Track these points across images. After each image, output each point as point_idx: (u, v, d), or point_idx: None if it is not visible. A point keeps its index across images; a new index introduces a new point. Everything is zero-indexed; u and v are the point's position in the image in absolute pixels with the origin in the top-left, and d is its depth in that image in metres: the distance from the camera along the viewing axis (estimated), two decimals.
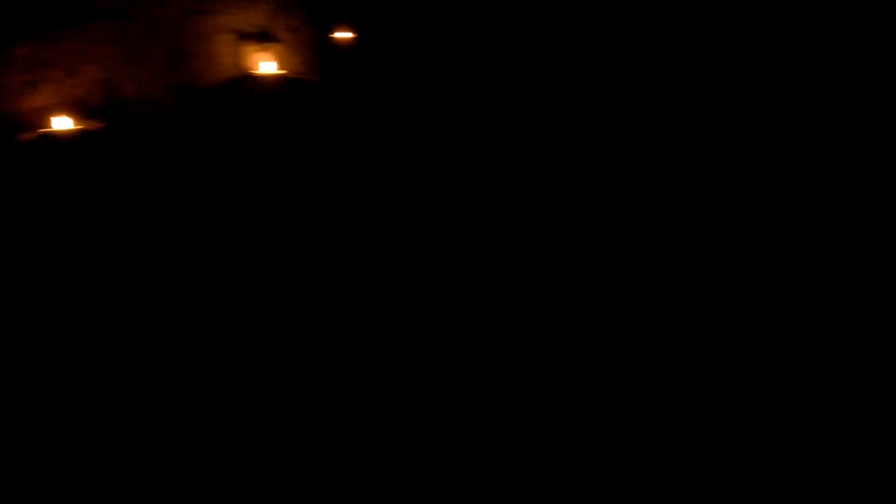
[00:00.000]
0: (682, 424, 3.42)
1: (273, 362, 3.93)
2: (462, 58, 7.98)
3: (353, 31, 8.01)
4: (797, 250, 4.97)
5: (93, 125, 6.64)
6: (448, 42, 7.98)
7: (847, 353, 3.94)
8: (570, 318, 4.27)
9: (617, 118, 7.11)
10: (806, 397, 3.61)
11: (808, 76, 7.01)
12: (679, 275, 4.74)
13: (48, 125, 6.67)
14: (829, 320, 4.25)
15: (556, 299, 4.47)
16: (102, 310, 4.40)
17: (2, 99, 6.11)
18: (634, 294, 4.52)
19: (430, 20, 7.94)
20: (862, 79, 6.86)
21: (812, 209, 5.49)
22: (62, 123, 6.68)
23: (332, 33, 7.98)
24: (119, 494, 3.08)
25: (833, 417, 3.47)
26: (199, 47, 6.98)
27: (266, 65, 7.86)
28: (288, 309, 4.41)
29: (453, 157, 6.66)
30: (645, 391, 3.67)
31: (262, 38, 7.53)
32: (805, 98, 6.87)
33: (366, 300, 4.52)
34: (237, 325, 4.26)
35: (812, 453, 3.25)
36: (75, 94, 6.42)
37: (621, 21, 7.71)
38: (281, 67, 7.89)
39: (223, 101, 7.17)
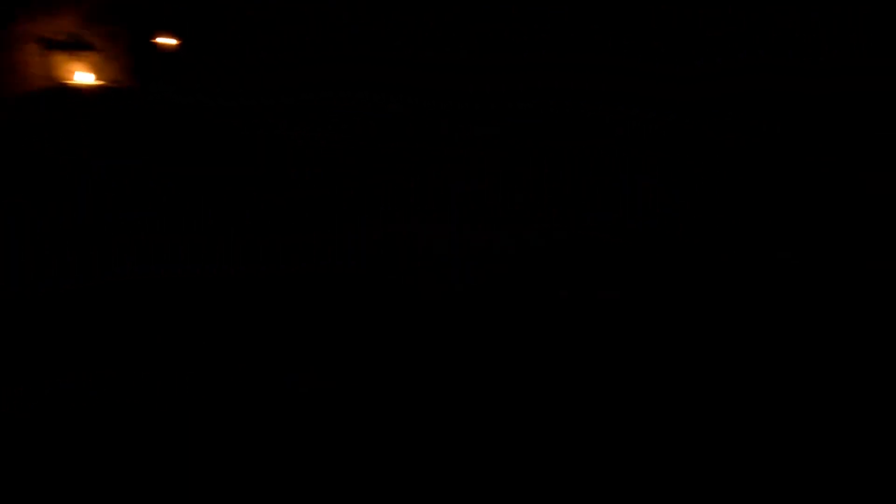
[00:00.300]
0: (680, 421, 3.42)
1: (273, 362, 3.93)
2: (461, 58, 7.97)
3: (178, 37, 7.72)
4: (797, 250, 4.96)
5: None
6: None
7: (847, 351, 3.94)
8: (569, 318, 4.27)
9: (617, 118, 7.11)
10: (805, 394, 3.61)
11: (808, 76, 7.00)
12: (679, 274, 4.74)
13: None
14: (828, 319, 4.25)
15: (555, 299, 4.47)
16: (102, 310, 4.40)
17: None
18: (634, 294, 4.52)
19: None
20: (862, 79, 6.85)
21: (812, 209, 5.49)
22: None
23: (155, 39, 7.68)
24: (120, 493, 3.08)
25: (832, 414, 3.47)
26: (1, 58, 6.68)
27: (80, 75, 7.52)
28: (288, 309, 4.41)
29: (453, 157, 6.66)
30: (641, 389, 3.67)
31: (75, 46, 7.22)
32: (805, 98, 6.87)
33: (366, 300, 4.51)
34: (237, 325, 4.26)
35: (810, 450, 3.25)
36: None
37: (621, 21, 7.71)
38: (98, 77, 7.56)
39: (29, 113, 6.82)
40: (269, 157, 6.95)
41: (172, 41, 7.25)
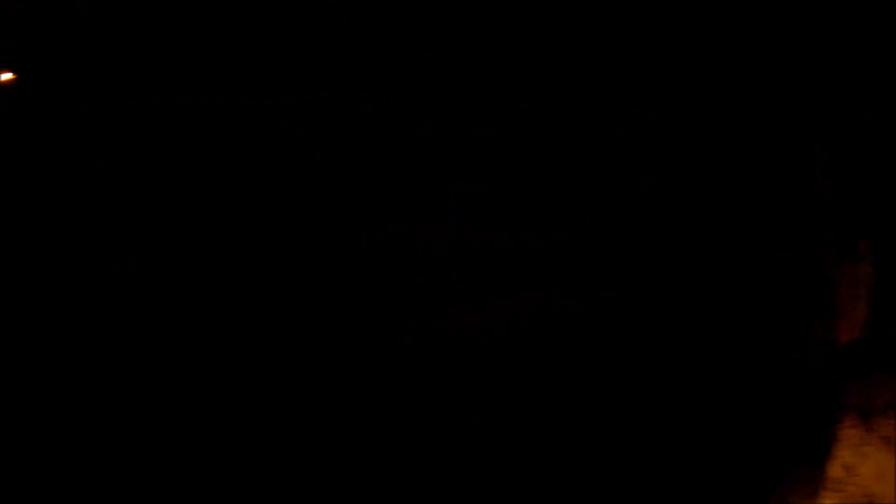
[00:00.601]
0: (684, 424, 3.42)
1: (273, 362, 3.93)
2: (461, 58, 7.96)
3: (13, 72, 7.15)
4: (797, 250, 4.97)
5: None
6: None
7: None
8: (570, 318, 4.27)
9: (617, 118, 7.11)
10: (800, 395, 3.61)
11: (808, 76, 7.00)
12: (679, 275, 4.74)
13: None
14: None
15: (555, 299, 4.47)
16: (102, 310, 4.40)
17: None
18: (634, 294, 4.52)
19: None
20: (862, 79, 6.85)
21: (812, 209, 5.49)
22: None
23: None
24: (120, 493, 3.08)
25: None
26: None
27: None
28: (288, 309, 4.41)
29: (453, 157, 6.65)
30: (643, 393, 3.66)
31: None
32: (805, 98, 6.87)
33: (366, 300, 4.51)
34: (237, 325, 4.26)
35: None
36: None
37: (621, 21, 7.69)
38: None
39: None
40: (269, 157, 6.94)
41: (8, 76, 6.70)
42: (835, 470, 3.47)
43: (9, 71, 6.69)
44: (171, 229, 5.40)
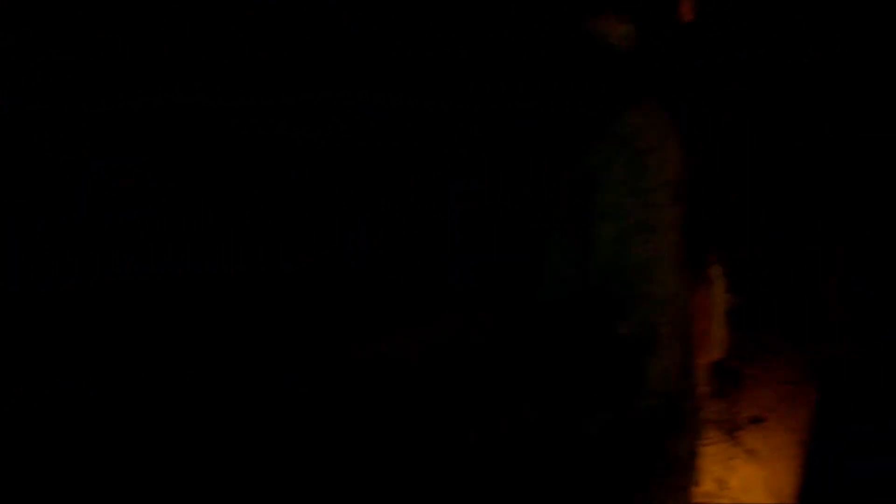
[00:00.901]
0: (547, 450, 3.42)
1: (273, 362, 3.94)
2: (461, 58, 7.97)
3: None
4: (796, 250, 4.98)
5: None
6: None
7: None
8: (571, 318, 4.27)
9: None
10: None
11: (807, 76, 7.01)
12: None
13: None
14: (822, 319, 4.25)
15: (556, 298, 4.47)
16: (102, 310, 4.41)
17: None
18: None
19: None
20: (861, 79, 6.86)
21: (811, 209, 5.49)
22: None
23: None
24: (120, 494, 3.09)
25: None
26: None
27: None
28: (288, 309, 4.42)
29: (453, 157, 6.66)
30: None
31: None
32: (805, 98, 6.88)
33: (365, 300, 4.52)
34: (237, 325, 4.27)
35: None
36: None
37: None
38: None
39: None
40: (269, 157, 6.95)
41: None
42: (707, 484, 3.68)
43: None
44: (171, 229, 5.40)
